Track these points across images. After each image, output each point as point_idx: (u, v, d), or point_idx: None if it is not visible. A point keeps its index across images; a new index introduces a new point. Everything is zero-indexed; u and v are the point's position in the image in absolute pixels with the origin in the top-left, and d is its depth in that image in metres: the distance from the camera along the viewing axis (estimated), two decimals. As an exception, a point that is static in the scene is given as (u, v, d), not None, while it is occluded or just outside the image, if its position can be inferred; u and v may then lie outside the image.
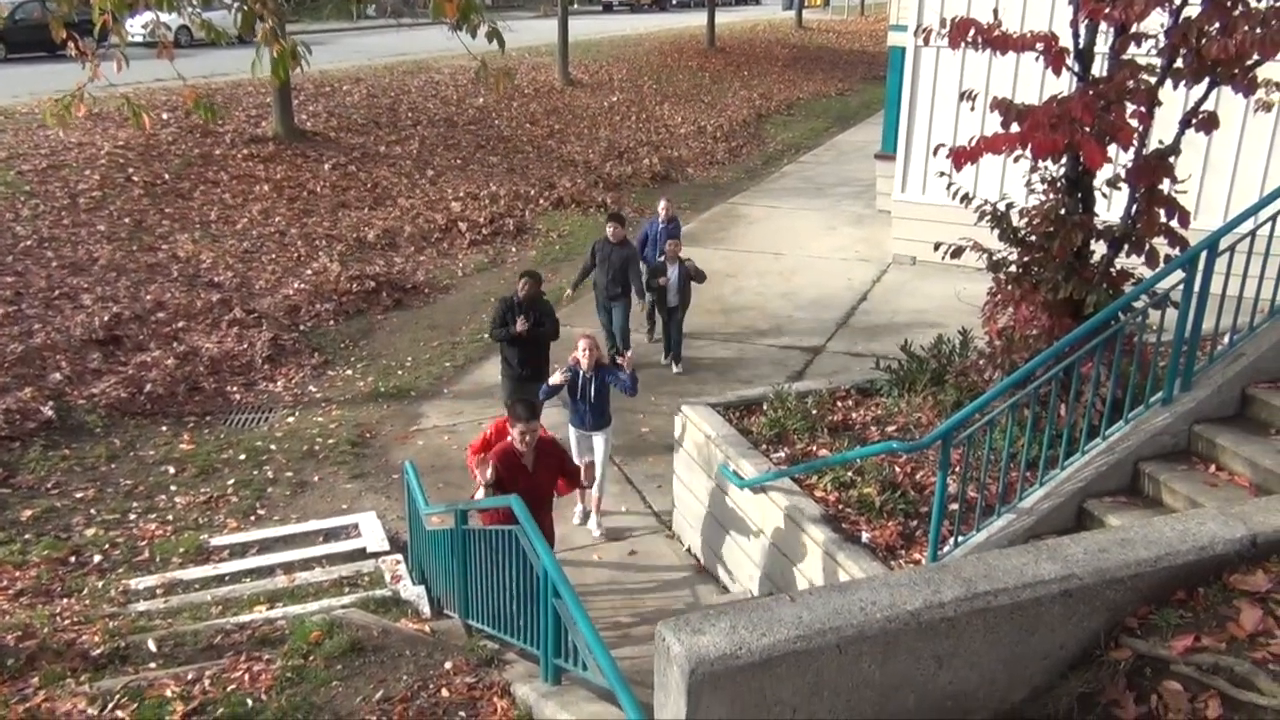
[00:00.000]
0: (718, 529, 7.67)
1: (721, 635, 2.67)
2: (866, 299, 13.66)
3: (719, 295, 13.93)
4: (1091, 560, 2.96)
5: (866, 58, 36.52)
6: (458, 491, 9.16)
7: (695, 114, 25.77)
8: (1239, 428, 5.82)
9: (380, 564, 7.86)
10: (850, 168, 21.41)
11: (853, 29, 44.98)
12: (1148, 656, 2.87)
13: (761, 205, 18.84)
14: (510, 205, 17.65)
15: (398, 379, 11.66)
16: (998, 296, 7.25)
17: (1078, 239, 6.64)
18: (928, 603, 2.79)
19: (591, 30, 36.23)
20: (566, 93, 25.47)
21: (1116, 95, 6.00)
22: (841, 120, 27.67)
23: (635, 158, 21.39)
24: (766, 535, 6.92)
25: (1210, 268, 5.67)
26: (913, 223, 14.22)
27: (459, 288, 14.65)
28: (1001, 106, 6.26)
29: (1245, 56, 5.56)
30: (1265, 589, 2.99)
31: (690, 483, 8.01)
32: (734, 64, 32.67)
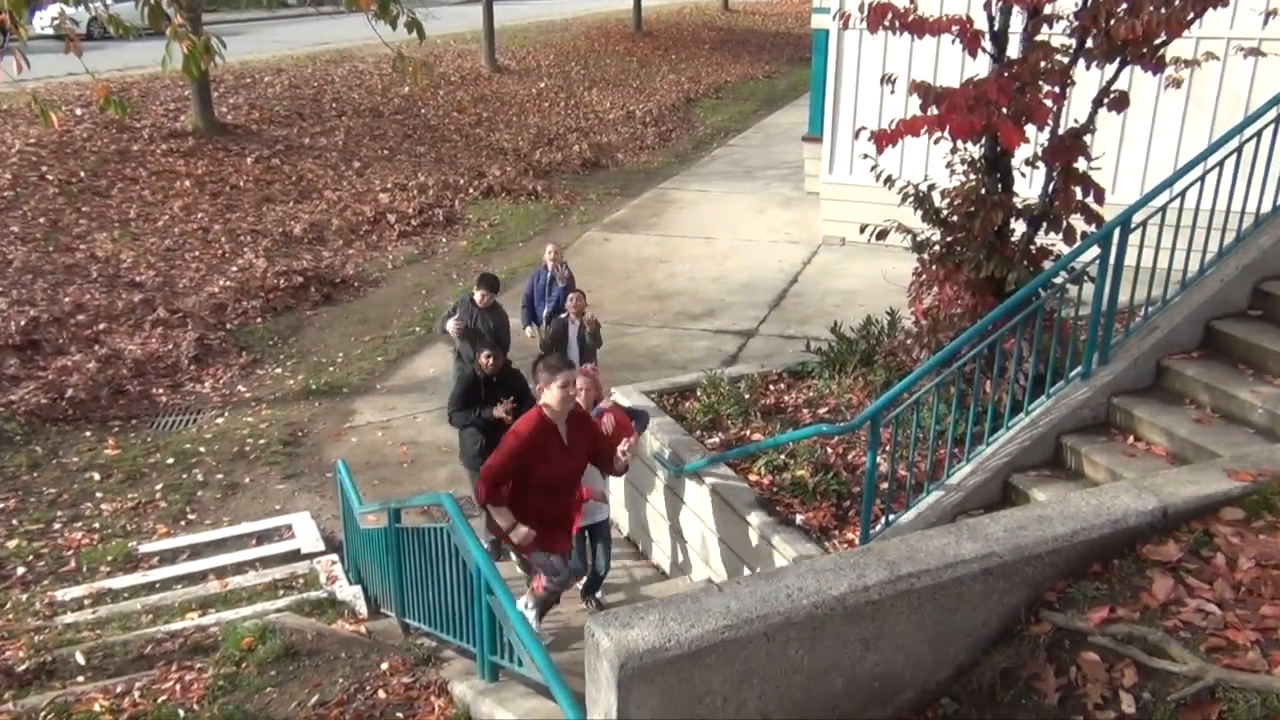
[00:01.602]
0: (655, 516, 7.70)
1: (650, 628, 2.68)
2: (797, 281, 13.78)
3: (651, 281, 13.97)
4: (1010, 538, 3.02)
5: (793, 39, 36.71)
6: (393, 488, 9.08)
7: (624, 99, 25.71)
8: (1155, 399, 5.98)
9: (315, 565, 7.77)
10: (779, 150, 21.54)
11: (779, 11, 45.15)
12: (1066, 629, 2.94)
13: (692, 189, 18.89)
14: (439, 195, 17.47)
15: (329, 375, 11.51)
16: (923, 277, 7.36)
17: (998, 218, 6.76)
18: (853, 587, 2.83)
19: (518, 15, 35.90)
20: (494, 79, 25.24)
21: (1031, 76, 6.11)
22: (769, 103, 27.81)
23: (565, 144, 21.29)
24: (703, 521, 6.96)
25: (1124, 244, 5.81)
26: (841, 204, 14.36)
27: (389, 280, 14.48)
28: (920, 89, 6.34)
29: (1153, 36, 5.69)
30: (1176, 559, 3.08)
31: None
32: (662, 48, 32.63)
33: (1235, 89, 11.75)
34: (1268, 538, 3.13)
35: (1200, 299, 6.12)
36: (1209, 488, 3.29)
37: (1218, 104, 12.04)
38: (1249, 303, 6.20)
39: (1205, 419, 5.68)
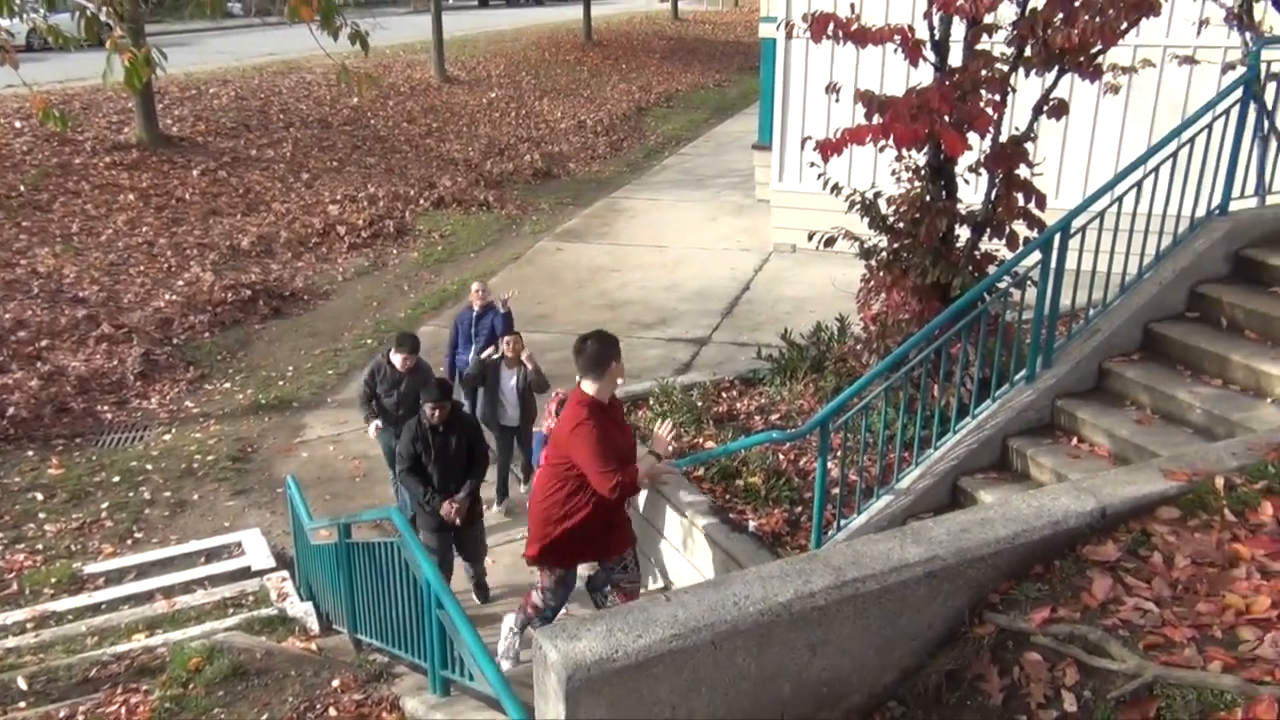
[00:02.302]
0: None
1: (598, 639, 2.68)
2: (749, 288, 13.85)
3: (604, 290, 13.97)
4: (954, 541, 3.06)
5: (742, 48, 36.94)
6: (345, 503, 8.99)
7: (575, 108, 25.73)
8: (1097, 401, 6.08)
9: (265, 582, 7.67)
10: (730, 158, 21.66)
11: (728, 20, 45.45)
12: (1009, 630, 2.98)
13: (644, 198, 18.93)
14: (390, 206, 17.35)
15: (278, 390, 11.37)
16: (870, 283, 7.43)
17: (942, 225, 6.84)
18: (799, 593, 2.85)
19: (468, 25, 35.79)
20: (444, 90, 25.14)
21: (972, 85, 6.20)
22: (720, 111, 27.97)
23: (516, 154, 21.25)
24: (657, 530, 6.97)
25: (1064, 248, 5.91)
26: (791, 211, 14.46)
27: (339, 293, 14.35)
28: (865, 98, 6.40)
29: (1088, 45, 5.81)
30: (1115, 558, 3.13)
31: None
32: (612, 57, 32.70)
33: (1172, 96, 12.03)
34: (1203, 536, 3.20)
35: (1139, 302, 6.24)
36: (1146, 488, 3.36)
37: (1156, 110, 12.32)
38: (1186, 305, 6.33)
39: (1146, 420, 5.79)
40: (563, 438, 5.09)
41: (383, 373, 8.07)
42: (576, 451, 4.97)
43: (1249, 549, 3.11)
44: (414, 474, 6.75)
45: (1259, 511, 3.28)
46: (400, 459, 6.84)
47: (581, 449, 4.95)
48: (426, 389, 6.95)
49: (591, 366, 5.16)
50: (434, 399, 6.70)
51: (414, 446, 6.76)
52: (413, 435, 6.76)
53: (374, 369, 8.17)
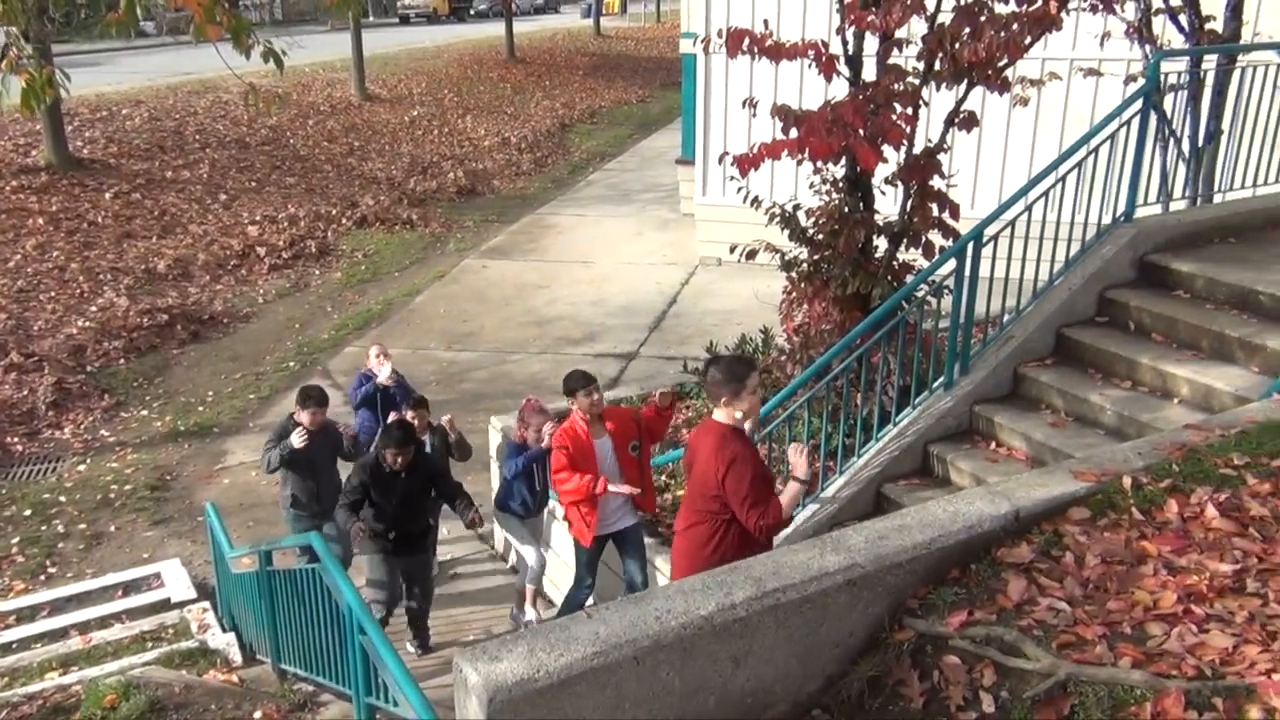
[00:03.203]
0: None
1: (519, 660, 2.65)
2: (676, 302, 13.92)
3: (531, 307, 13.93)
4: (872, 548, 3.10)
5: (665, 64, 37.17)
6: (269, 530, 8.80)
7: (499, 125, 25.64)
8: (1013, 406, 6.22)
9: (186, 614, 7.47)
10: (654, 173, 21.77)
11: (650, 36, 45.75)
12: (928, 635, 3.02)
13: (570, 214, 18.93)
14: (311, 226, 17.10)
15: (198, 416, 11.11)
16: (792, 295, 7.51)
17: (861, 236, 6.95)
18: (720, 605, 2.85)
19: (389, 43, 35.50)
20: (365, 108, 24.89)
21: (884, 98, 6.32)
22: (644, 127, 28.11)
23: (439, 172, 21.10)
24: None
25: (977, 257, 6.04)
26: (716, 225, 14.56)
27: (261, 315, 14.08)
28: (781, 112, 6.48)
29: (994, 59, 5.95)
30: (1029, 560, 3.20)
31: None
32: (535, 74, 32.69)
33: (1080, 107, 12.38)
34: (1112, 535, 3.28)
35: (1051, 308, 6.40)
36: (1057, 489, 3.43)
37: (1065, 121, 12.67)
38: (1096, 310, 6.50)
39: (1060, 423, 5.93)
40: (710, 479, 4.37)
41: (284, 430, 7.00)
42: (732, 487, 4.29)
43: (1155, 546, 3.20)
44: (355, 510, 6.11)
45: (1164, 509, 3.37)
46: (346, 494, 6.19)
47: (739, 486, 4.28)
48: (386, 433, 6.22)
49: (720, 390, 4.43)
50: (395, 444, 6.06)
51: (364, 488, 6.14)
52: (368, 475, 6.16)
53: (277, 431, 7.08)
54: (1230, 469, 3.56)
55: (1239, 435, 3.79)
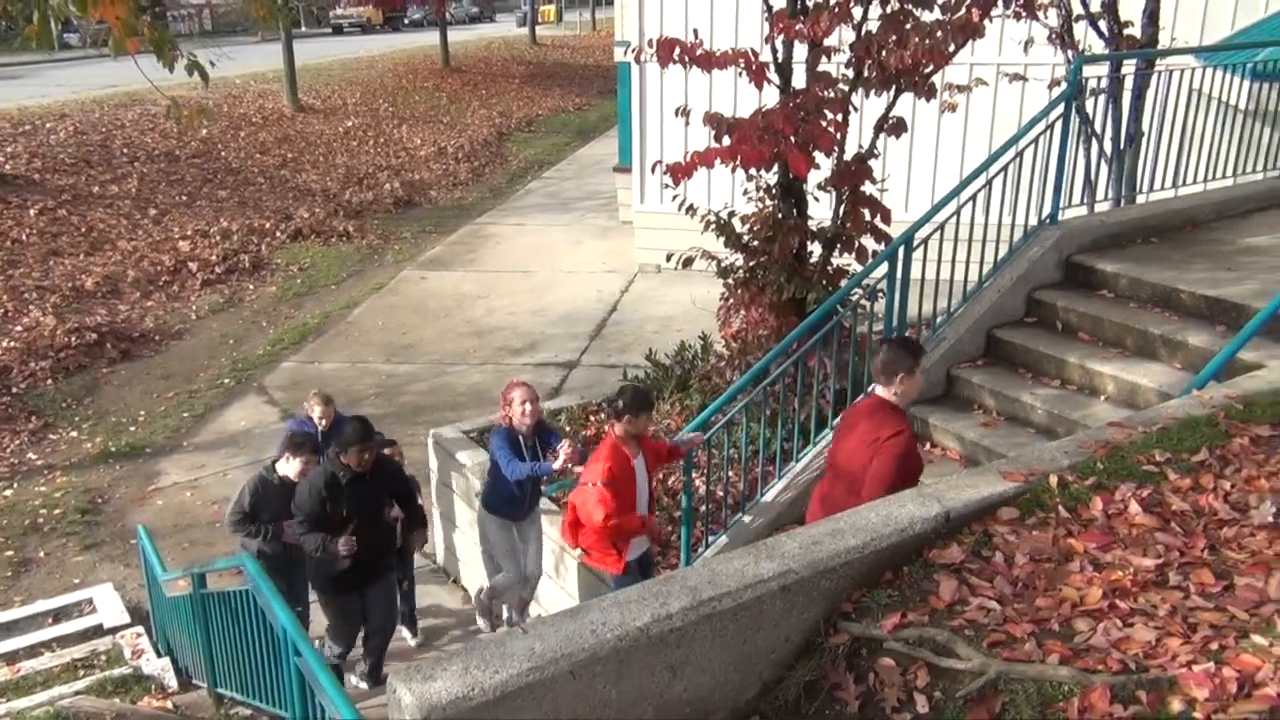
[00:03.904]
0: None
1: (454, 678, 2.63)
2: (616, 310, 13.93)
3: (471, 318, 13.85)
4: (806, 554, 3.12)
5: (602, 72, 37.23)
6: (205, 550, 8.63)
7: (435, 135, 25.47)
8: (947, 406, 6.31)
9: (119, 640, 7.29)
10: (593, 181, 21.78)
11: (586, 44, 45.78)
12: (863, 638, 3.05)
13: (509, 224, 18.86)
14: (244, 240, 16.83)
15: (130, 436, 10.87)
16: (729, 301, 7.56)
17: (795, 242, 7.02)
18: (656, 616, 2.85)
19: (322, 53, 35.12)
20: (298, 119, 24.58)
21: (815, 106, 6.39)
22: (582, 135, 28.11)
23: (376, 183, 20.90)
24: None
25: (908, 261, 6.13)
26: (655, 232, 14.60)
27: (193, 332, 13.82)
28: (714, 121, 6.53)
29: (920, 66, 6.05)
30: (959, 560, 3.24)
31: (452, 515, 7.88)
32: (471, 83, 32.54)
33: (1008, 111, 12.63)
34: (1040, 533, 3.34)
35: (981, 309, 6.51)
36: (986, 490, 3.49)
37: (994, 125, 12.92)
38: (1025, 311, 6.63)
39: (992, 422, 6.04)
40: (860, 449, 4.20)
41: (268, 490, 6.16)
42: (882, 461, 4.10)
43: (1082, 543, 3.26)
44: (318, 525, 5.56)
45: (1090, 507, 3.44)
46: (299, 509, 5.59)
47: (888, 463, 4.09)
48: (340, 435, 5.59)
49: (897, 367, 4.25)
50: (359, 439, 5.47)
51: (320, 503, 5.51)
52: (317, 487, 5.50)
53: (258, 486, 6.18)
54: (1152, 465, 3.65)
55: (1160, 432, 3.88)
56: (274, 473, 6.16)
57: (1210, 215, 7.38)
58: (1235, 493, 3.48)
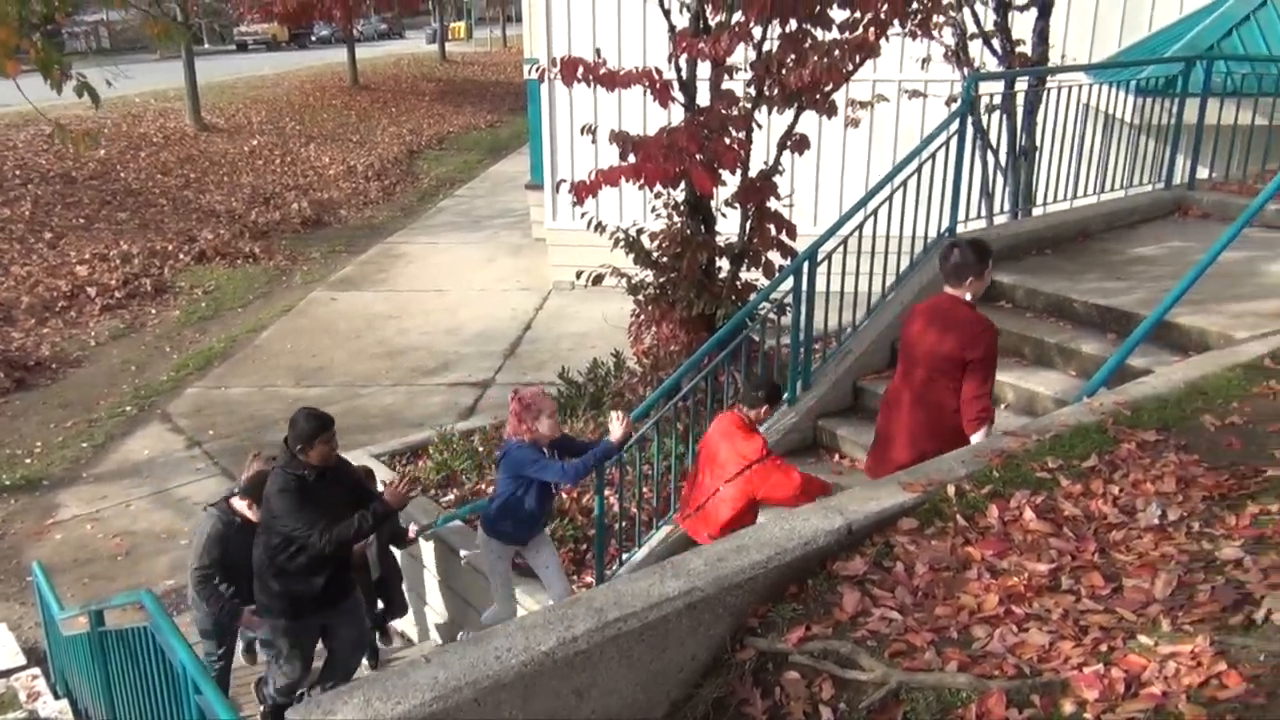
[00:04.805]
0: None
1: (355, 711, 2.58)
2: (531, 328, 13.89)
3: (383, 338, 13.67)
4: (711, 571, 3.14)
5: (513, 89, 37.13)
6: (107, 585, 8.35)
7: (344, 154, 25.13)
8: (855, 418, 6.41)
9: (14, 682, 7.00)
10: (506, 198, 21.70)
11: (497, 60, 45.65)
12: (769, 652, 3.08)
13: (421, 243, 18.68)
14: (146, 263, 16.37)
15: (25, 469, 10.46)
16: (640, 318, 7.60)
17: (703, 258, 7.10)
18: (561, 640, 2.84)
19: (226, 70, 34.44)
20: (201, 138, 24.04)
21: (718, 124, 6.48)
22: (494, 152, 28.00)
23: (283, 203, 20.52)
24: (445, 582, 6.82)
25: (813, 275, 6.22)
26: (568, 249, 14.58)
27: (93, 359, 13.38)
28: (619, 139, 6.57)
29: (819, 84, 6.17)
30: (862, 572, 3.29)
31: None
32: (380, 100, 32.20)
33: (910, 126, 12.93)
34: (939, 542, 3.41)
35: (886, 321, 6.62)
36: (887, 501, 3.55)
37: (897, 139, 13.22)
38: (927, 322, 6.76)
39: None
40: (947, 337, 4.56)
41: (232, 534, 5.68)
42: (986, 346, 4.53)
43: (979, 551, 3.34)
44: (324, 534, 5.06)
45: (986, 514, 3.53)
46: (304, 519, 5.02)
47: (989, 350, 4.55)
48: (294, 428, 5.03)
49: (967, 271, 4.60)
50: (321, 426, 5.00)
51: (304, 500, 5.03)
52: (289, 490, 5.01)
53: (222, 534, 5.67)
54: (1045, 472, 3.75)
55: (1053, 439, 3.99)
56: (232, 514, 5.68)
57: (1101, 226, 7.64)
58: (1124, 497, 3.60)
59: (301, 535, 5.05)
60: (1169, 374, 4.70)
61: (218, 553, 5.65)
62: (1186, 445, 3.93)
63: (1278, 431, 3.98)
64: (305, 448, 5.00)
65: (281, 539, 5.13)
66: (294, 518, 5.04)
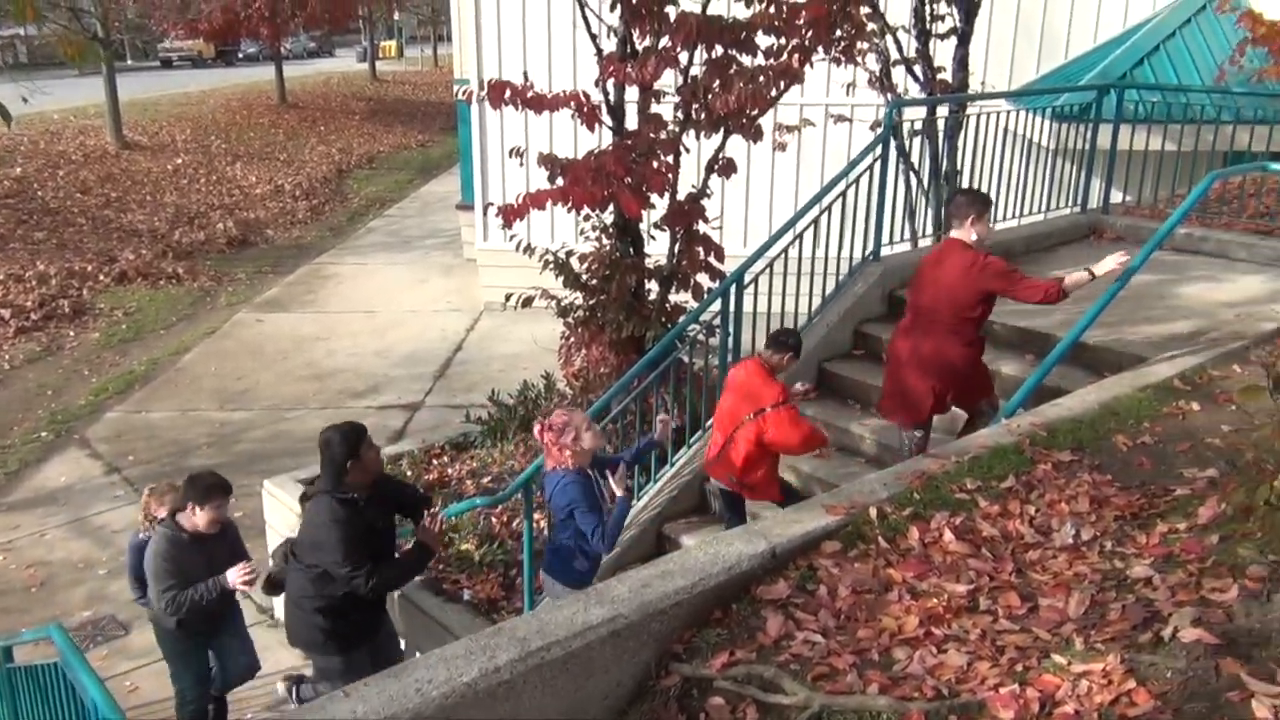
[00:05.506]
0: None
1: (270, 750, 2.53)
2: (462, 349, 13.78)
3: (311, 360, 13.44)
4: (635, 597, 3.14)
5: (444, 109, 36.98)
6: (20, 619, 8.06)
7: (271, 173, 24.75)
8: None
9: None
10: (437, 218, 21.54)
11: (428, 80, 45.40)
12: (693, 678, 3.08)
13: (350, 263, 18.45)
14: (64, 285, 15.92)
15: (-68, 499, 10.09)
16: (570, 340, 7.59)
17: (632, 280, 7.12)
18: (483, 670, 2.82)
19: (150, 87, 33.75)
20: (123, 157, 23.50)
21: (647, 148, 6.51)
22: (425, 172, 27.80)
23: (208, 222, 20.12)
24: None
25: (740, 298, 6.28)
26: (499, 270, 14.52)
27: (7, 383, 12.95)
28: (547, 162, 6.56)
29: (745, 109, 6.24)
30: (786, 595, 3.32)
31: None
32: (309, 119, 31.80)
33: (837, 150, 13.11)
34: (861, 565, 3.45)
35: (812, 343, 6.70)
36: (810, 525, 3.59)
37: (824, 163, 13.36)
38: (852, 344, 6.88)
39: (825, 454, 6.21)
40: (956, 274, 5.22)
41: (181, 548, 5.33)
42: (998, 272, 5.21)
43: (900, 573, 3.39)
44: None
45: (907, 536, 3.58)
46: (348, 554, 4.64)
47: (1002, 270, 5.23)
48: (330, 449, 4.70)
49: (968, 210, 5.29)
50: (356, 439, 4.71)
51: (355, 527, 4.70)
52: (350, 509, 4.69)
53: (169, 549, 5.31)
54: (964, 493, 3.83)
55: (972, 461, 4.08)
56: (180, 529, 5.33)
57: (1021, 249, 7.83)
58: (1039, 517, 3.68)
59: (345, 576, 4.69)
60: (1083, 395, 4.83)
61: (174, 566, 5.28)
62: (1100, 465, 4.04)
63: (1186, 451, 4.10)
64: (354, 464, 4.67)
65: (322, 571, 4.79)
66: (341, 552, 4.65)
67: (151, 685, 6.75)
